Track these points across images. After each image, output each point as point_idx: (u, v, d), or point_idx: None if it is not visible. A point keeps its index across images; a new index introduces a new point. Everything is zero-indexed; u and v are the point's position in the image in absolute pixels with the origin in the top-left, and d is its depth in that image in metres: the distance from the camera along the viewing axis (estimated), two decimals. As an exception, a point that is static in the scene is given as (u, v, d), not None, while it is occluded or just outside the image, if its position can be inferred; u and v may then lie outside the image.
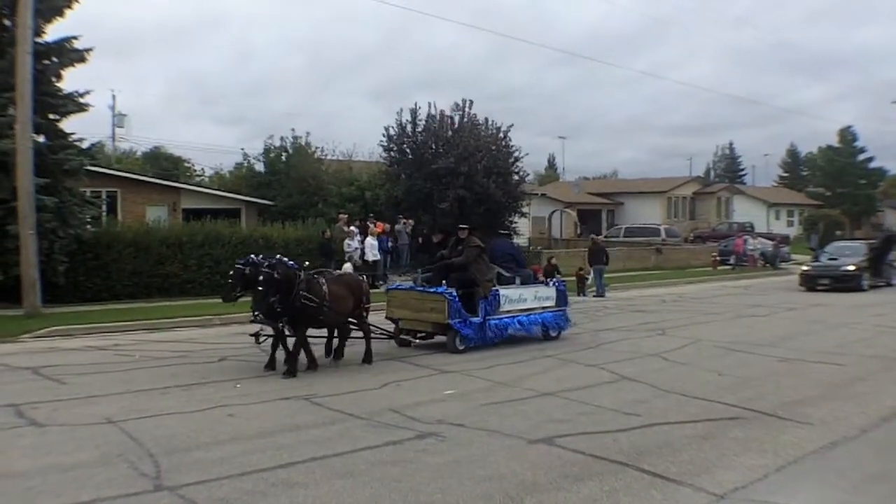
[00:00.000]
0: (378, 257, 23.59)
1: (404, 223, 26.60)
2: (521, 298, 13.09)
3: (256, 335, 10.74)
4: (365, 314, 11.42)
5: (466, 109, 29.73)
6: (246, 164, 35.38)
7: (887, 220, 71.23)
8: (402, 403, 8.38)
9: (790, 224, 60.49)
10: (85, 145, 20.18)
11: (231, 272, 10.25)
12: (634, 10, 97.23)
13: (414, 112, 29.64)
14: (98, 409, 8.19)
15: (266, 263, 10.04)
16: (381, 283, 22.86)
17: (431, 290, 12.30)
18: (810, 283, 24.90)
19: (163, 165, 50.23)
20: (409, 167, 29.20)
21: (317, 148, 35.10)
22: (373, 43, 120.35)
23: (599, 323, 16.26)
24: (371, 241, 23.37)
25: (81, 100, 19.19)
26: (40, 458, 6.38)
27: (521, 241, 35.51)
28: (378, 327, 12.23)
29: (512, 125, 30.10)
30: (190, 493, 5.47)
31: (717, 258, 35.65)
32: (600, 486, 5.63)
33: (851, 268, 24.61)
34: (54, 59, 18.68)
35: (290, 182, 31.48)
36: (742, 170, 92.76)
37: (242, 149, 58.77)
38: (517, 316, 12.94)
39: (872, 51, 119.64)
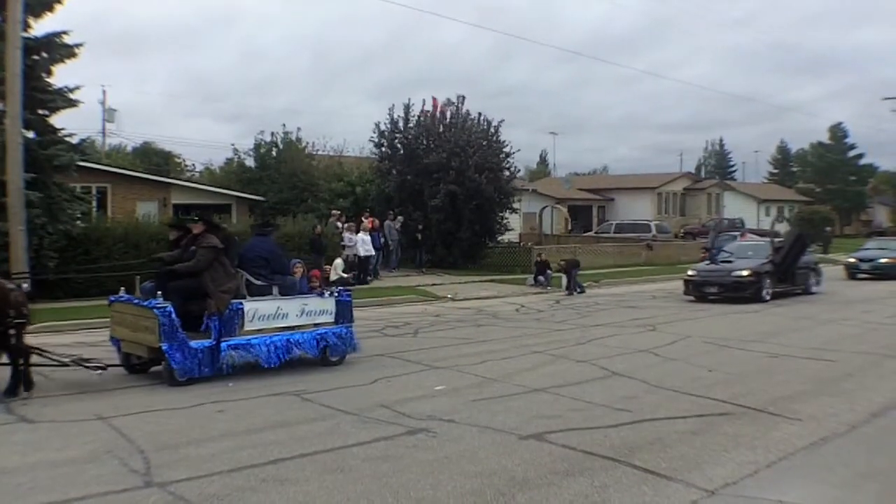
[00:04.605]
0: (372, 253, 23.59)
1: (393, 219, 26.56)
2: (279, 314, 10.35)
3: None
4: (15, 331, 8.70)
5: (459, 105, 29.74)
6: (236, 160, 35.25)
7: (877, 217, 71.85)
8: (392, 399, 8.38)
9: (780, 220, 60.63)
10: (75, 141, 20.06)
11: None
12: (636, 9, 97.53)
13: (406, 107, 29.64)
14: (87, 405, 8.17)
15: None
16: (369, 278, 22.93)
17: (145, 303, 9.58)
18: (697, 291, 20.16)
19: (153, 161, 49.91)
20: (400, 163, 29.19)
21: (307, 143, 35.06)
22: (377, 42, 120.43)
23: (590, 319, 16.30)
24: (363, 237, 23.37)
25: (72, 95, 19.05)
26: (30, 455, 6.36)
27: (512, 236, 35.59)
28: (41, 351, 9.26)
29: (503, 120, 30.31)
30: (180, 490, 5.46)
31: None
32: (591, 482, 5.64)
33: (745, 273, 19.65)
34: (44, 55, 18.55)
35: (281, 177, 31.39)
36: (732, 166, 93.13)
37: (233, 144, 58.59)
38: (273, 336, 10.15)
39: (867, 51, 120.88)
